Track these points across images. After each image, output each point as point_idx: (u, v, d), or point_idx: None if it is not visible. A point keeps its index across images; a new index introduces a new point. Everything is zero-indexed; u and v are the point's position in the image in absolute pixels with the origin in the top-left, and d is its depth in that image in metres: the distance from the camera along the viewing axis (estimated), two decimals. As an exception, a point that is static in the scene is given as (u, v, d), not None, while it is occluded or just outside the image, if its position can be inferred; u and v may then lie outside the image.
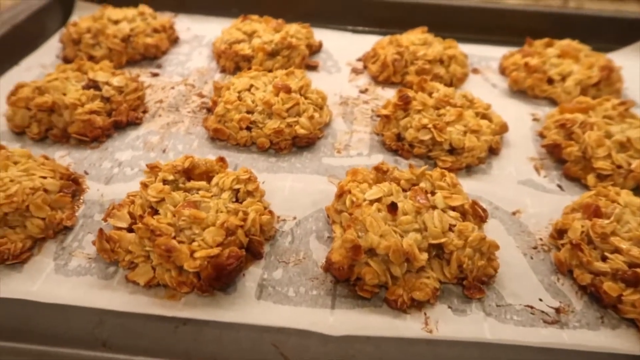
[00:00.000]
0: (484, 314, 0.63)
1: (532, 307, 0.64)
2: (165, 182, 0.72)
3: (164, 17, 1.24)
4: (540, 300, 0.66)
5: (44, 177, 0.74)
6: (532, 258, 0.71)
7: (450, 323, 0.62)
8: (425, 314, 0.63)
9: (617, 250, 0.65)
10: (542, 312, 0.64)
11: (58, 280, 0.65)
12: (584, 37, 1.17)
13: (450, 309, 0.64)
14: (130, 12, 1.17)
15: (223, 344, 0.59)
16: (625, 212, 0.69)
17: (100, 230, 0.66)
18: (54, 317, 0.61)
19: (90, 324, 0.60)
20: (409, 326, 0.61)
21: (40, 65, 1.10)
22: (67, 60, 1.11)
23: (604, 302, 0.64)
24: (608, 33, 1.26)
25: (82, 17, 1.17)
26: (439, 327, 0.61)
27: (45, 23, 1.22)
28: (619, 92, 1.04)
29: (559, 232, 0.72)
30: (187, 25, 1.29)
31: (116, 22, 1.13)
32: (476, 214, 0.70)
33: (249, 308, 0.63)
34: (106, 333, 0.59)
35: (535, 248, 0.73)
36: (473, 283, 0.66)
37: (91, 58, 1.09)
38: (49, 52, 1.15)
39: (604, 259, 0.65)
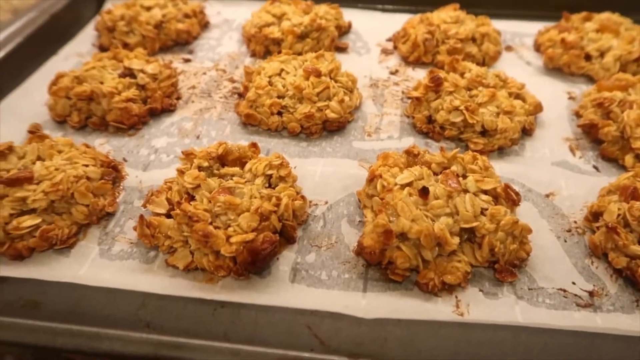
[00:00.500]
0: (516, 297, 0.64)
1: (565, 291, 0.64)
2: (200, 168, 0.74)
3: (194, 2, 1.25)
4: (574, 283, 0.65)
5: (86, 165, 0.77)
6: (565, 241, 0.71)
7: (482, 306, 0.63)
8: (456, 297, 0.64)
9: (655, 234, 0.64)
10: (575, 295, 0.64)
11: (103, 264, 0.69)
12: (625, 9, 1.13)
13: (482, 292, 0.65)
14: (161, -2, 1.19)
15: (259, 325, 0.61)
16: (665, 194, 0.68)
17: (141, 216, 0.69)
18: (101, 299, 0.64)
19: (134, 306, 0.63)
20: (440, 309, 0.62)
21: (77, 54, 1.14)
22: (102, 48, 1.14)
23: (640, 285, 0.64)
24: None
25: (115, 5, 1.19)
26: (470, 311, 0.62)
27: (80, 11, 1.25)
28: (662, 67, 1.00)
29: (594, 215, 0.71)
30: (217, 10, 1.30)
31: (148, 9, 1.15)
32: (509, 197, 0.69)
33: (284, 291, 0.65)
34: (149, 315, 0.62)
35: (569, 231, 0.72)
36: (505, 266, 0.66)
37: (126, 45, 1.12)
38: (84, 40, 1.18)
39: (641, 242, 0.65)
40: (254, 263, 0.65)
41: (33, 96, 0.99)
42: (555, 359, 0.58)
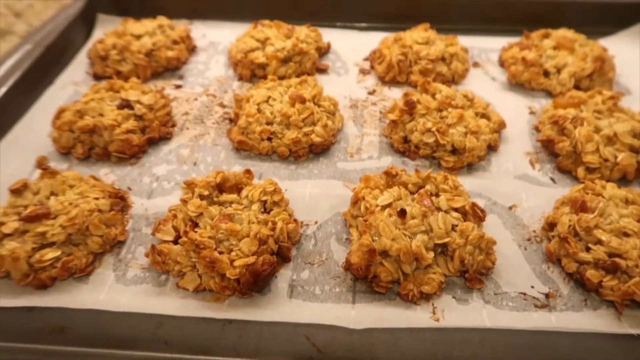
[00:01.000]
0: (483, 302, 0.74)
1: (525, 294, 0.75)
2: (201, 197, 0.83)
3: (180, 26, 1.31)
4: (532, 287, 0.76)
5: (97, 198, 0.85)
6: (526, 249, 0.81)
7: (454, 312, 0.73)
8: (432, 304, 0.74)
9: (599, 242, 0.74)
10: (534, 297, 0.74)
11: (119, 290, 0.76)
12: (582, 22, 1.23)
13: (454, 299, 0.74)
14: (150, 25, 1.25)
15: (264, 338, 0.70)
16: (609, 204, 0.79)
17: (153, 246, 0.77)
18: (122, 322, 0.72)
19: (152, 326, 0.71)
20: (419, 316, 0.72)
21: (72, 82, 1.19)
22: (96, 76, 1.20)
23: (588, 287, 0.74)
24: (606, 17, 1.31)
25: (106, 33, 1.25)
26: (444, 316, 0.72)
27: (72, 39, 1.30)
28: (611, 81, 1.11)
29: (550, 225, 0.82)
30: (203, 32, 1.36)
31: (138, 37, 1.21)
32: (475, 214, 0.79)
33: (283, 306, 0.74)
34: (166, 334, 0.71)
35: (529, 240, 0.83)
36: (474, 275, 0.76)
37: (119, 73, 1.19)
38: (78, 68, 1.24)
39: (588, 249, 0.75)
40: (256, 283, 0.74)
41: (36, 128, 1.05)
42: (516, 355, 0.68)
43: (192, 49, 1.29)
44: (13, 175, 0.94)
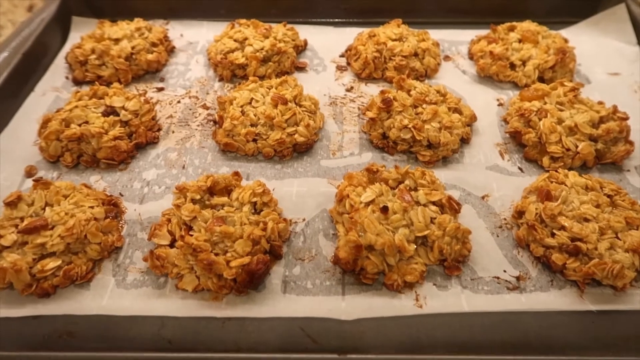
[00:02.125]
0: (461, 287, 0.81)
1: (498, 278, 0.82)
2: (193, 201, 0.87)
3: (157, 27, 1.33)
4: (505, 271, 0.83)
5: (92, 207, 0.88)
6: (497, 236, 0.88)
7: (436, 298, 0.79)
8: (415, 292, 0.80)
9: (563, 228, 0.82)
10: (506, 280, 0.82)
11: (120, 294, 0.80)
12: (547, 12, 1.30)
13: (435, 286, 0.81)
14: (127, 27, 1.26)
15: (262, 332, 0.75)
16: (571, 192, 0.86)
17: (151, 251, 0.81)
18: (126, 324, 0.76)
19: (155, 327, 0.76)
20: (403, 304, 0.78)
21: (53, 88, 1.20)
22: (76, 80, 1.21)
23: (553, 269, 0.82)
24: (569, 7, 1.38)
25: (83, 37, 1.25)
26: (427, 302, 0.79)
27: (48, 44, 1.30)
28: (572, 71, 1.18)
29: (519, 213, 0.89)
30: (180, 32, 1.38)
31: (117, 41, 1.22)
32: (451, 207, 0.86)
33: (278, 302, 0.79)
34: (170, 334, 0.75)
35: (500, 227, 0.90)
36: (452, 263, 0.83)
37: (99, 77, 1.20)
38: (57, 73, 1.24)
39: (553, 235, 0.82)
40: (252, 281, 0.79)
41: (21, 137, 1.06)
42: (491, 334, 0.75)
43: (170, 50, 1.31)
44: (3, 186, 0.96)
